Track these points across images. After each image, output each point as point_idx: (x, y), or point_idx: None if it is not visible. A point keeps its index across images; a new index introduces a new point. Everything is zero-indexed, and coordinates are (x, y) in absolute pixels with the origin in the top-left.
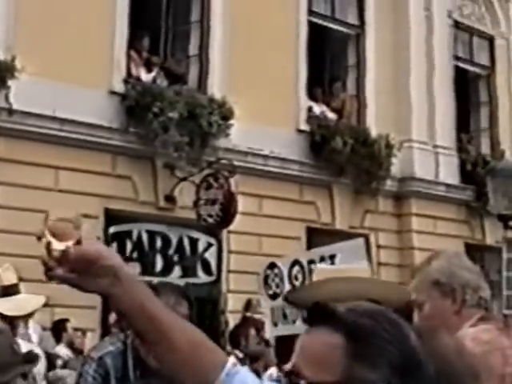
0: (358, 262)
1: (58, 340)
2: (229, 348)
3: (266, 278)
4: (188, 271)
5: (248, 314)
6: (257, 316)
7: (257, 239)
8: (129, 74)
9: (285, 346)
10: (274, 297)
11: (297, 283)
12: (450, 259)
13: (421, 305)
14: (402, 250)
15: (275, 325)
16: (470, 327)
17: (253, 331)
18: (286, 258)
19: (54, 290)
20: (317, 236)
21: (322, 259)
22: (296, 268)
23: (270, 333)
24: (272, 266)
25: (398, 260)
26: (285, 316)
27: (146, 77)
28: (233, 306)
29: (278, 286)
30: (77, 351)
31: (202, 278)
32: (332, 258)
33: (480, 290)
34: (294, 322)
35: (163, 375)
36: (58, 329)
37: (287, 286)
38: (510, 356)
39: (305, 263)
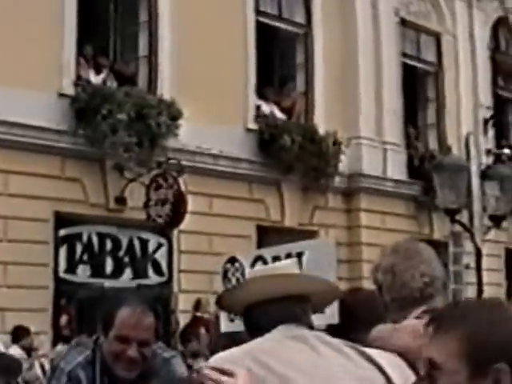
0: (326, 263)
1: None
2: (180, 347)
3: (226, 272)
4: (139, 272)
5: (198, 314)
6: (206, 315)
7: (207, 238)
8: (78, 76)
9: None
10: None
11: None
12: (383, 256)
13: None
14: (351, 246)
15: (232, 321)
16: (415, 318)
17: (203, 330)
18: (248, 254)
19: (4, 293)
20: (267, 234)
21: (289, 256)
22: (259, 264)
23: (224, 328)
24: (232, 260)
25: (348, 255)
26: None
27: (95, 79)
28: (184, 305)
29: (238, 281)
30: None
31: (152, 278)
32: (299, 255)
33: (413, 281)
34: None
35: None
36: (17, 335)
37: None
38: None
39: (269, 259)
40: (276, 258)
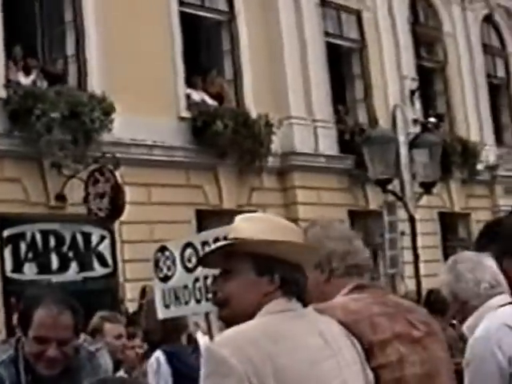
0: None
1: None
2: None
3: (157, 261)
4: (84, 266)
5: (144, 302)
6: None
7: (148, 227)
8: (8, 79)
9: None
10: (164, 279)
11: (190, 265)
12: (315, 230)
13: None
14: None
15: (167, 307)
16: (344, 295)
17: (149, 316)
18: (177, 241)
19: None
20: (206, 218)
21: (217, 240)
22: (189, 250)
23: (161, 315)
24: (162, 249)
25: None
26: (177, 297)
27: (25, 80)
28: (131, 294)
29: (169, 269)
30: None
31: (98, 270)
32: (226, 238)
33: (348, 257)
34: (186, 303)
35: (52, 383)
36: None
37: (179, 269)
38: (378, 324)
39: (198, 245)
40: (205, 243)
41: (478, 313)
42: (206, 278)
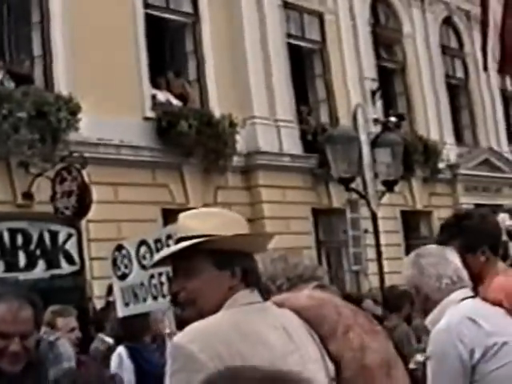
0: None
1: None
2: (93, 332)
3: (115, 260)
4: (51, 264)
5: (111, 299)
6: None
7: (115, 225)
8: None
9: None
10: (122, 277)
11: (145, 262)
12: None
13: None
14: (254, 221)
15: (127, 305)
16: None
17: (114, 314)
18: (132, 239)
19: None
20: (172, 217)
21: (169, 237)
22: (143, 248)
23: (121, 313)
24: (119, 247)
25: (252, 231)
26: (135, 295)
27: None
28: (99, 292)
29: (126, 267)
30: None
31: (65, 268)
32: (170, 237)
33: (306, 260)
34: (144, 300)
35: (15, 379)
36: None
37: (136, 267)
38: (342, 312)
39: (151, 242)
40: (158, 241)
41: (440, 307)
42: (160, 274)
